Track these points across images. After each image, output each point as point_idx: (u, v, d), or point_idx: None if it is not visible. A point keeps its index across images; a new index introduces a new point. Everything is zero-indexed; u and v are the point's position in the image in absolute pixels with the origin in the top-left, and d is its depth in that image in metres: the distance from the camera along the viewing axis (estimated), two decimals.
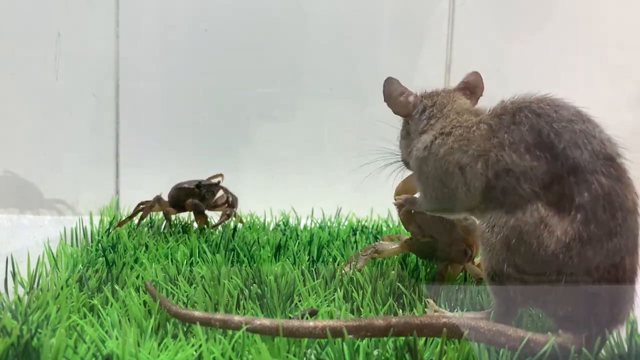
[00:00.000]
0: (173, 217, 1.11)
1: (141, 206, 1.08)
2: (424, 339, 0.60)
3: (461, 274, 0.84)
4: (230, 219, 1.10)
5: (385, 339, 0.59)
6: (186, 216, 1.14)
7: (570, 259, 0.57)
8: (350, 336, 0.57)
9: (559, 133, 0.59)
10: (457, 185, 0.66)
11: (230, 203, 1.12)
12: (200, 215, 1.06)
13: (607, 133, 0.61)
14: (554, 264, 0.58)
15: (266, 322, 0.58)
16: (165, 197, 1.11)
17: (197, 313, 0.61)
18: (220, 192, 1.13)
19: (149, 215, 1.15)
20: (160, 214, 1.13)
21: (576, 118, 0.60)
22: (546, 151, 0.60)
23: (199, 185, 1.08)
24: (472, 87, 0.75)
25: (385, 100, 0.74)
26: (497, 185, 0.62)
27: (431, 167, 0.68)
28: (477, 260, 0.83)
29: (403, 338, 0.59)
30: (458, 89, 0.75)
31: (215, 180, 1.12)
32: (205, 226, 1.06)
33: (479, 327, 0.59)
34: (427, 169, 0.69)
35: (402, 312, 0.72)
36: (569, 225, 0.57)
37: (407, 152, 0.75)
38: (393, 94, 0.74)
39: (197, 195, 1.07)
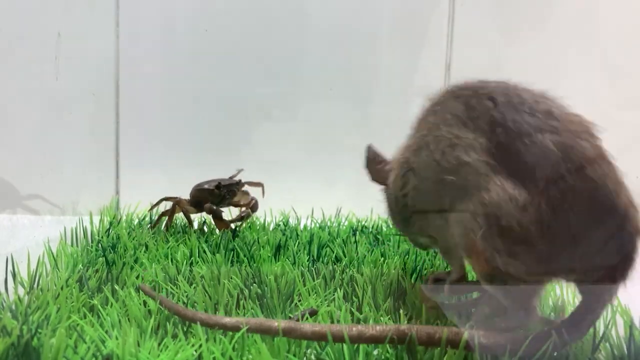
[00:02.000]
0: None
1: (164, 201, 1.08)
2: None
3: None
4: (243, 221, 1.08)
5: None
6: (198, 216, 1.12)
7: (545, 230, 0.54)
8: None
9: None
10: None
11: (252, 206, 1.09)
12: (219, 221, 1.03)
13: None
14: (536, 235, 0.54)
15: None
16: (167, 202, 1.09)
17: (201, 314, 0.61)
18: (244, 193, 1.12)
19: (149, 214, 1.15)
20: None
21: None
22: (480, 121, 0.58)
23: (219, 185, 1.06)
24: None
25: None
26: (450, 164, 0.59)
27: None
28: None
29: None
30: None
31: (235, 180, 1.10)
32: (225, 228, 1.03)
33: (478, 340, 0.57)
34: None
35: (402, 312, 0.72)
36: (535, 200, 0.54)
37: None
38: None
39: (217, 196, 1.05)
